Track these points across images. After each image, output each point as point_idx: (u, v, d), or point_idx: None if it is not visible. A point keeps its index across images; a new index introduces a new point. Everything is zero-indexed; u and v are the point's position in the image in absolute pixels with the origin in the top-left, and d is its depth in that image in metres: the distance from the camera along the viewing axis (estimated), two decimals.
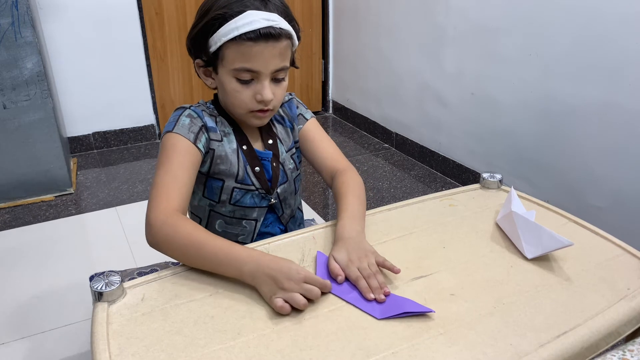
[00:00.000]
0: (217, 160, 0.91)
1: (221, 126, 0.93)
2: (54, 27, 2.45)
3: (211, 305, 0.71)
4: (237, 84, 0.86)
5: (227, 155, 0.92)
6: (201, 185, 0.94)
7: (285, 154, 0.99)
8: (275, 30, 0.82)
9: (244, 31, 0.81)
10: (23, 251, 1.83)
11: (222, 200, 0.94)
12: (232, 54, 0.84)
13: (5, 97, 2.02)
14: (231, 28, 0.82)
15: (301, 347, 0.64)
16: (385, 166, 2.58)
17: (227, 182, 0.93)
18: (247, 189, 0.94)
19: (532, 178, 1.96)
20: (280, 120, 1.02)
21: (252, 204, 0.96)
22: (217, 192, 0.93)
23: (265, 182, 0.95)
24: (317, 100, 3.33)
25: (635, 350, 0.53)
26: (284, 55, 0.86)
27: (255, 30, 0.81)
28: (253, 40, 0.82)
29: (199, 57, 0.90)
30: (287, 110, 1.03)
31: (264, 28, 0.81)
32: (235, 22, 0.82)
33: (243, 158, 0.93)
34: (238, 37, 0.82)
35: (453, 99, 2.30)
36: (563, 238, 0.78)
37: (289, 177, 0.99)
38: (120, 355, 0.62)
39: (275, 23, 0.83)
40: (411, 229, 0.91)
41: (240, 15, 0.82)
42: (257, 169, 0.94)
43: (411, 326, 0.67)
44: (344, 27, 3.04)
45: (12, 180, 2.14)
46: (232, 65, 0.85)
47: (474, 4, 2.07)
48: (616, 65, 1.58)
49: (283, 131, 1.01)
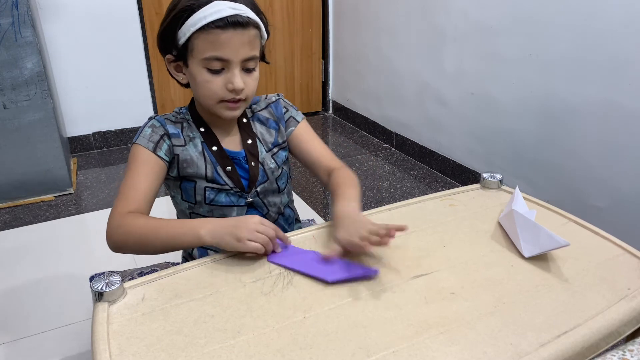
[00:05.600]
0: (184, 164, 0.94)
1: (187, 131, 0.96)
2: (54, 27, 2.45)
3: (211, 305, 0.71)
4: (208, 74, 0.87)
5: (193, 159, 0.94)
6: (178, 189, 0.97)
7: (266, 153, 1.00)
8: (242, 18, 0.84)
9: (211, 19, 0.83)
10: (23, 251, 1.83)
11: (198, 201, 0.96)
12: (201, 43, 0.85)
13: (5, 97, 2.03)
14: (199, 18, 0.83)
15: (301, 346, 0.64)
16: (385, 166, 2.58)
17: (199, 182, 0.95)
18: (220, 188, 0.95)
19: (532, 178, 1.96)
20: (264, 121, 1.02)
21: (229, 202, 0.97)
22: (192, 193, 0.96)
23: (238, 181, 0.96)
24: (317, 100, 3.33)
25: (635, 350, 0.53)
26: (253, 44, 0.88)
27: (223, 18, 0.83)
28: (221, 28, 0.83)
29: (169, 52, 0.91)
30: (273, 110, 1.03)
31: (232, 16, 0.83)
32: (202, 12, 0.83)
33: (212, 159, 0.95)
34: (206, 25, 0.83)
35: (453, 99, 2.30)
36: (560, 238, 0.78)
37: (269, 176, 0.99)
38: (121, 355, 0.62)
39: (242, 12, 0.85)
40: (411, 229, 0.91)
41: (208, 5, 0.83)
42: (229, 169, 0.96)
43: (411, 325, 0.67)
44: (344, 27, 3.04)
45: (12, 180, 2.14)
46: (202, 54, 0.86)
47: (474, 4, 2.07)
48: (616, 65, 1.58)
49: (265, 132, 1.01)
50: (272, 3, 2.96)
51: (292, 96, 3.23)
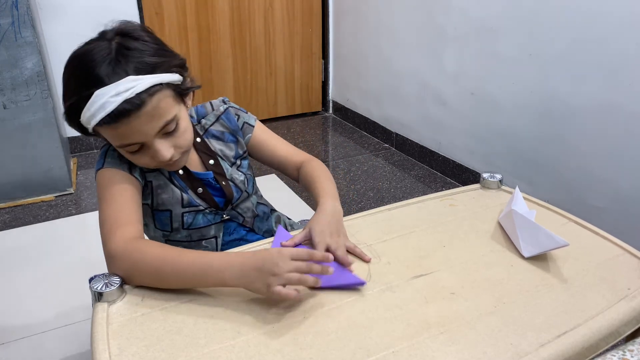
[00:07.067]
0: (158, 190, 0.89)
1: None
2: (54, 27, 2.45)
3: (211, 305, 0.71)
4: (131, 154, 0.81)
5: (166, 183, 0.89)
6: (150, 218, 0.92)
7: (231, 169, 0.96)
8: (132, 103, 0.73)
9: (99, 118, 0.74)
10: (23, 251, 1.83)
11: (175, 228, 0.92)
12: (106, 134, 0.79)
13: (5, 97, 2.02)
14: (88, 117, 0.75)
15: (301, 346, 0.64)
16: (385, 166, 2.58)
17: (175, 210, 0.90)
18: (196, 210, 0.92)
19: (532, 178, 1.96)
20: (219, 136, 0.97)
21: (206, 222, 0.94)
22: (167, 222, 0.91)
23: (212, 200, 0.93)
24: (317, 100, 3.33)
25: (635, 350, 0.53)
26: (160, 113, 0.77)
27: (110, 114, 0.73)
28: (114, 121, 0.74)
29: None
30: (226, 122, 0.98)
31: (117, 108, 0.73)
32: (88, 110, 0.74)
33: (181, 183, 0.91)
34: (99, 123, 0.75)
35: (453, 99, 2.30)
36: (559, 238, 0.78)
37: (242, 189, 0.97)
38: (120, 355, 0.62)
39: (129, 93, 0.73)
40: (411, 228, 0.91)
41: (89, 102, 0.74)
42: (200, 190, 0.92)
43: (411, 325, 0.67)
44: (344, 27, 3.04)
45: (12, 180, 2.14)
46: (113, 143, 0.80)
47: (474, 4, 2.07)
48: (616, 65, 1.58)
49: (224, 147, 0.97)
50: (272, 3, 2.96)
51: (292, 96, 3.23)
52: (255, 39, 2.98)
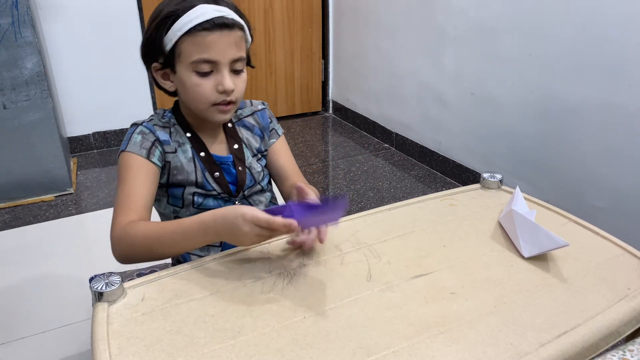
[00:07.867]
0: (174, 172, 0.93)
1: (175, 137, 0.95)
2: (54, 27, 2.45)
3: (211, 305, 0.71)
4: (197, 77, 0.87)
5: (183, 165, 0.93)
6: (165, 194, 0.96)
7: (252, 158, 1.01)
8: (228, 19, 0.85)
9: (197, 22, 0.83)
10: (23, 251, 1.83)
11: (185, 204, 0.96)
12: (188, 47, 0.85)
13: (5, 97, 2.03)
14: (185, 22, 0.84)
15: (301, 346, 0.64)
16: (385, 166, 2.58)
17: (187, 188, 0.94)
18: (208, 194, 0.95)
19: (532, 178, 1.96)
20: (250, 127, 1.03)
21: (216, 206, 0.96)
22: (180, 197, 0.95)
23: (226, 186, 0.96)
24: (317, 100, 3.33)
25: (635, 350, 0.53)
26: (239, 45, 0.88)
27: (209, 19, 0.83)
28: (208, 29, 0.84)
29: (155, 60, 0.91)
30: (260, 119, 1.04)
31: (217, 18, 0.84)
32: (188, 16, 0.84)
33: (200, 165, 0.95)
34: (193, 28, 0.83)
35: (453, 99, 2.30)
36: (559, 238, 0.78)
37: (256, 179, 1.00)
38: (120, 355, 0.62)
39: (227, 14, 0.85)
40: (411, 228, 0.91)
41: (192, 9, 0.84)
42: (217, 174, 0.95)
43: (411, 325, 0.67)
44: (344, 27, 3.04)
45: (12, 180, 2.14)
46: (190, 58, 0.86)
47: (474, 4, 2.07)
48: (616, 65, 1.58)
49: (250, 137, 1.02)
50: (272, 3, 2.96)
51: (292, 96, 3.23)
52: (255, 39, 2.98)
